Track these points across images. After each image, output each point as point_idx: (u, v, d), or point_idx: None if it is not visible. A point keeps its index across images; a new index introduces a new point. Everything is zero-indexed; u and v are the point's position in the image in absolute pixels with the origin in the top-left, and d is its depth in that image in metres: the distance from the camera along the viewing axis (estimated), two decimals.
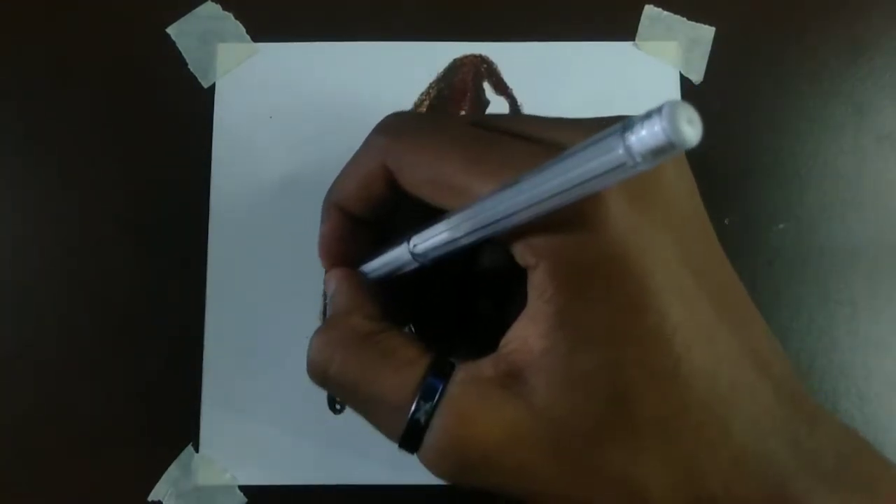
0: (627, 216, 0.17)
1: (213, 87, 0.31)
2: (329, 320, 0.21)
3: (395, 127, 0.21)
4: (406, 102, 0.31)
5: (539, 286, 0.17)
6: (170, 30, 0.32)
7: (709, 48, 0.31)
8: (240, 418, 0.29)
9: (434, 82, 0.31)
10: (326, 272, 0.23)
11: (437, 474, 0.19)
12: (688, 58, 0.31)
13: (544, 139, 0.18)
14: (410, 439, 0.19)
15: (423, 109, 0.31)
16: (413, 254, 0.20)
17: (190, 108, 0.31)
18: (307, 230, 0.30)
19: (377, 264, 0.22)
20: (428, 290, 0.25)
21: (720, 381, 0.17)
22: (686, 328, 0.17)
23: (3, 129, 0.31)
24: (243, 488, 0.29)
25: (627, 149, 0.13)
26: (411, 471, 0.29)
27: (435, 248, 0.19)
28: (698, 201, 0.19)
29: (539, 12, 0.32)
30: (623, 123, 0.13)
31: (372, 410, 0.20)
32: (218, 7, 0.32)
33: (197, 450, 0.29)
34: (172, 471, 0.29)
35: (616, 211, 0.17)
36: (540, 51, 0.31)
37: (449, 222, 0.18)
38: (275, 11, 0.32)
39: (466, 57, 0.32)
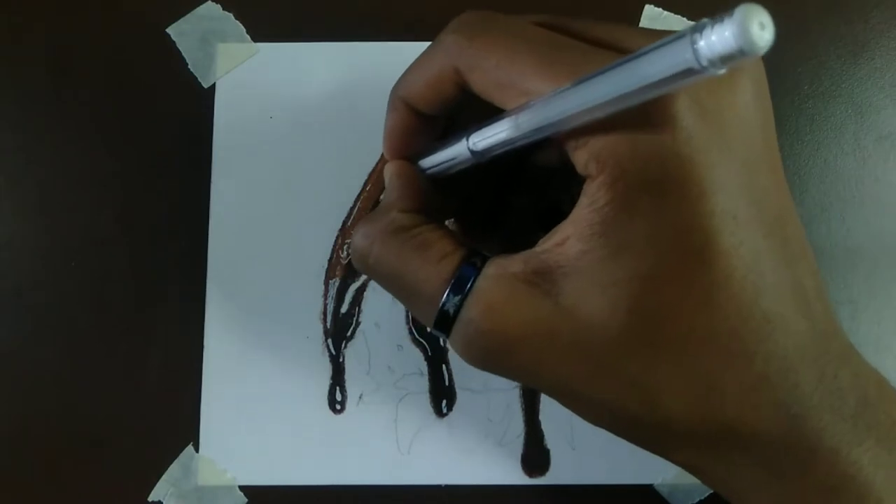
0: (697, 134, 0.17)
1: (213, 87, 0.31)
2: (374, 212, 0.22)
3: (468, 27, 0.20)
4: None
5: (593, 194, 0.17)
6: (170, 30, 0.32)
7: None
8: (240, 418, 0.29)
9: None
10: (387, 164, 0.23)
11: (465, 359, 0.20)
12: None
13: (620, 47, 0.18)
14: (442, 327, 0.20)
15: None
16: (471, 150, 0.20)
17: (190, 108, 0.31)
18: (307, 230, 0.30)
19: (435, 159, 0.22)
20: (476, 187, 0.25)
21: (755, 312, 0.17)
22: (731, 256, 0.17)
23: (3, 129, 0.31)
24: (243, 488, 0.29)
25: (695, 52, 0.13)
26: (411, 470, 0.29)
27: (494, 146, 0.19)
28: (771, 130, 0.19)
29: (538, 12, 0.32)
30: (693, 26, 0.13)
31: (408, 299, 0.21)
32: (218, 7, 0.32)
33: (197, 450, 0.29)
34: (173, 471, 0.29)
35: (686, 128, 0.17)
36: None
37: (510, 121, 0.18)
38: (275, 11, 0.32)
39: None
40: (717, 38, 0.13)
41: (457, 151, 0.21)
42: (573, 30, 0.19)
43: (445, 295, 0.19)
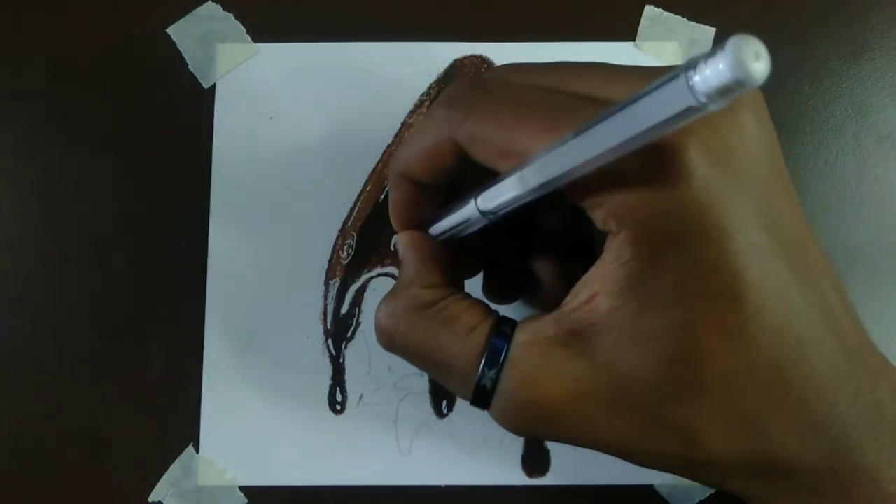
0: (710, 179, 0.17)
1: (213, 88, 0.31)
2: (394, 289, 0.22)
3: (462, 100, 0.20)
4: (406, 103, 0.31)
5: (617, 250, 0.17)
6: (170, 30, 0.32)
7: (709, 48, 0.31)
8: (240, 418, 0.29)
9: (434, 83, 0.31)
10: (395, 237, 0.24)
11: (509, 430, 0.20)
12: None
13: (615, 100, 0.18)
14: (479, 401, 0.20)
15: (424, 110, 0.31)
16: (481, 211, 0.20)
17: (190, 108, 0.31)
18: (307, 230, 0.30)
19: (445, 224, 0.22)
20: (489, 250, 0.25)
21: (788, 338, 0.18)
22: (759, 288, 0.17)
23: (3, 129, 0.31)
24: (243, 488, 0.29)
25: (692, 89, 0.13)
26: (411, 471, 0.29)
27: (502, 205, 0.19)
28: (778, 156, 0.19)
29: (539, 12, 0.32)
30: (685, 64, 0.13)
31: (440, 375, 0.21)
32: (218, 7, 0.32)
33: (197, 450, 0.29)
34: (173, 471, 0.29)
35: (701, 176, 0.17)
36: (540, 51, 0.31)
37: (515, 178, 0.18)
38: (275, 12, 0.32)
39: (466, 57, 0.32)
40: (711, 72, 0.12)
41: (467, 214, 0.21)
42: (571, 88, 0.19)
43: (480, 369, 0.19)
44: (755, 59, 0.12)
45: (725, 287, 0.17)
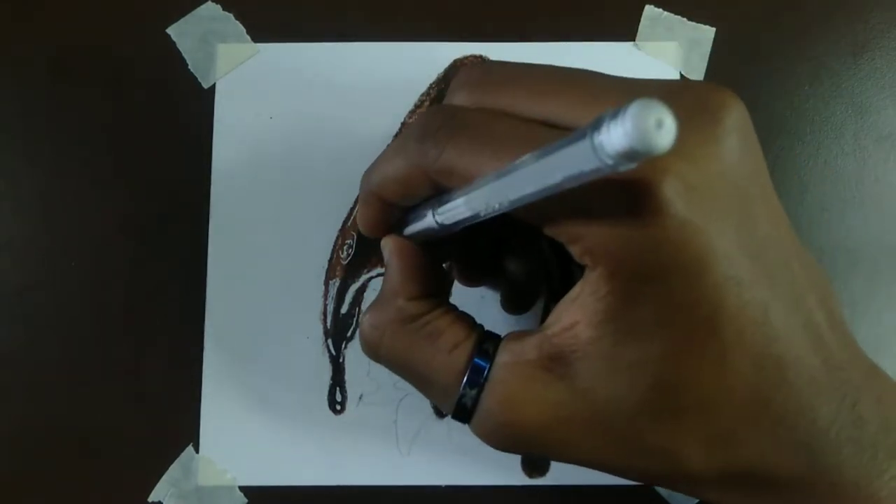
0: (687, 216, 0.16)
1: (213, 88, 0.31)
2: (379, 298, 0.22)
3: (435, 135, 0.19)
4: (406, 102, 0.31)
5: (594, 284, 0.17)
6: (170, 30, 0.32)
7: (709, 49, 0.31)
8: (240, 418, 0.29)
9: (434, 83, 0.31)
10: (381, 240, 0.23)
11: (489, 445, 0.20)
12: (688, 58, 0.31)
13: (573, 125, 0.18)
14: (460, 417, 0.20)
15: (424, 110, 0.31)
16: (440, 224, 0.20)
17: (190, 109, 0.31)
18: (307, 230, 0.30)
19: (410, 231, 0.22)
20: (470, 245, 0.25)
21: (768, 361, 0.18)
22: (739, 317, 0.17)
23: (3, 129, 0.31)
24: (243, 488, 0.29)
25: (597, 150, 0.12)
26: (411, 471, 0.29)
27: (459, 223, 0.19)
28: (763, 172, 0.19)
29: (539, 12, 0.32)
30: (593, 122, 0.12)
31: (423, 389, 0.21)
32: (218, 7, 0.32)
33: (197, 450, 0.29)
34: (173, 471, 0.29)
35: (675, 214, 0.16)
36: (540, 51, 0.31)
37: (462, 202, 0.18)
38: (275, 12, 0.32)
39: (466, 57, 0.32)
40: (614, 136, 0.11)
41: (426, 224, 0.21)
42: (546, 109, 0.19)
43: (462, 387, 0.19)
44: (657, 127, 0.11)
45: (704, 319, 0.17)
